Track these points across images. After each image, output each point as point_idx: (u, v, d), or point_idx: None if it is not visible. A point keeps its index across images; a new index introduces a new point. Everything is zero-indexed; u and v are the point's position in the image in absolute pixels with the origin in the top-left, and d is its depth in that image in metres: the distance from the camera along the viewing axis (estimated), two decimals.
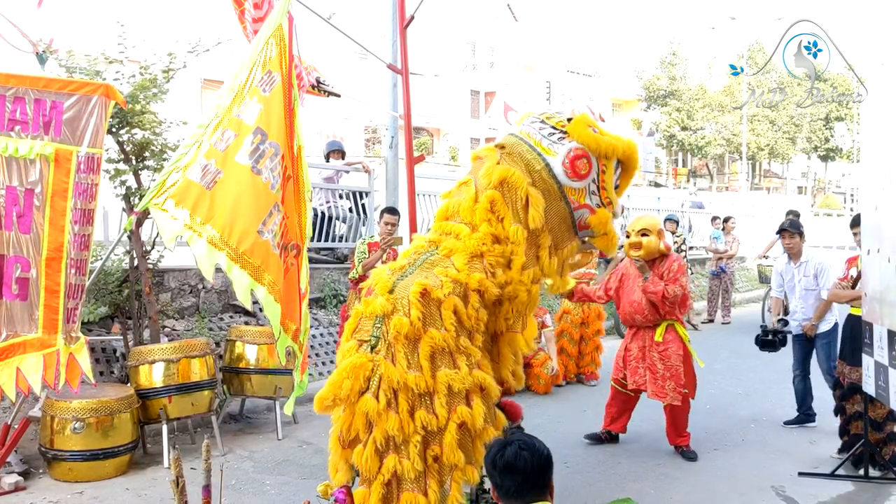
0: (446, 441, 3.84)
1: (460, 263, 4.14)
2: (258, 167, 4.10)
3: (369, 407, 3.66)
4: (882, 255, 5.13)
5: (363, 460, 3.66)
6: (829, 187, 59.26)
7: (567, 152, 4.43)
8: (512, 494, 2.82)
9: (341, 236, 10.71)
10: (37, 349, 4.98)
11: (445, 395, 3.87)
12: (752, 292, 17.96)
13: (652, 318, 6.29)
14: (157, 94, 6.75)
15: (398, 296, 3.94)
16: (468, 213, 4.33)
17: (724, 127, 46.61)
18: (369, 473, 3.67)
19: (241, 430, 7.06)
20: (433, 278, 4.04)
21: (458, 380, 3.90)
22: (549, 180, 4.44)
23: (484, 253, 4.22)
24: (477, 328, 4.13)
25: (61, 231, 4.98)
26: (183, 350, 6.26)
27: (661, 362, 6.26)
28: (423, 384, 3.79)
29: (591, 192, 4.52)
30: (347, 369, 3.69)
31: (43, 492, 5.46)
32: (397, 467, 3.68)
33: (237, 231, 3.99)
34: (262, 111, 4.20)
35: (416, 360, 3.84)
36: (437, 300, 3.95)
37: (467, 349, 4.02)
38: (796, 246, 6.96)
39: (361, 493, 3.71)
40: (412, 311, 3.85)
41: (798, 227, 7.11)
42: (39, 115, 4.92)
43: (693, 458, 6.26)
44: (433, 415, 3.81)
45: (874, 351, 5.34)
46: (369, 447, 3.66)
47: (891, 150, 5.05)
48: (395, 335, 3.82)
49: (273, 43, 4.35)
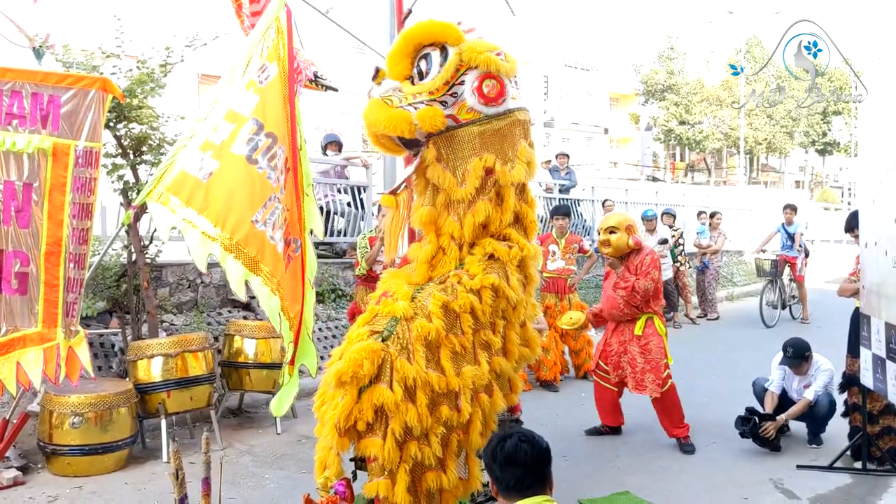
0: (473, 429, 3.96)
1: (475, 269, 4.13)
2: (254, 157, 4.10)
3: (385, 398, 3.62)
4: (879, 248, 5.14)
5: (385, 452, 3.64)
6: (826, 181, 59.35)
7: (473, 80, 4.13)
8: (512, 487, 2.82)
9: (340, 231, 10.72)
10: (37, 343, 4.99)
11: (471, 390, 3.95)
12: (749, 286, 17.99)
13: (628, 313, 6.38)
14: (155, 88, 6.73)
15: (419, 304, 3.94)
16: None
17: (722, 121, 46.62)
18: (391, 464, 3.66)
19: (240, 424, 7.07)
20: (450, 290, 4.04)
21: (480, 376, 3.99)
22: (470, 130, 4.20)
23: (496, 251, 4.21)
24: (496, 314, 4.16)
25: (60, 225, 4.99)
26: (181, 345, 6.26)
27: (641, 356, 6.33)
28: (445, 384, 3.81)
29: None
30: (366, 351, 3.64)
31: (42, 486, 5.47)
32: (417, 454, 3.71)
33: (231, 221, 3.98)
34: (259, 102, 4.19)
35: (436, 360, 3.85)
36: (454, 311, 3.97)
37: (489, 341, 4.09)
38: (802, 370, 6.57)
39: (384, 483, 3.69)
40: (435, 321, 3.85)
41: (803, 354, 6.50)
42: (37, 109, 4.92)
43: (691, 450, 6.27)
44: (455, 411, 3.86)
45: (872, 344, 5.35)
46: (390, 439, 3.64)
47: (888, 144, 5.05)
48: (417, 336, 3.79)
49: (270, 35, 4.35)
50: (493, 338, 4.13)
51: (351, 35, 7.70)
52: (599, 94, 51.87)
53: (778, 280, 13.38)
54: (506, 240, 4.28)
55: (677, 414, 6.41)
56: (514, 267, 4.22)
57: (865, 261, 5.57)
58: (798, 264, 13.53)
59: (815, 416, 6.47)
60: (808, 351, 6.48)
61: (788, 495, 5.41)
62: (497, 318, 4.17)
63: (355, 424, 3.66)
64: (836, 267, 21.11)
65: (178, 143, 4.37)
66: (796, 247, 13.50)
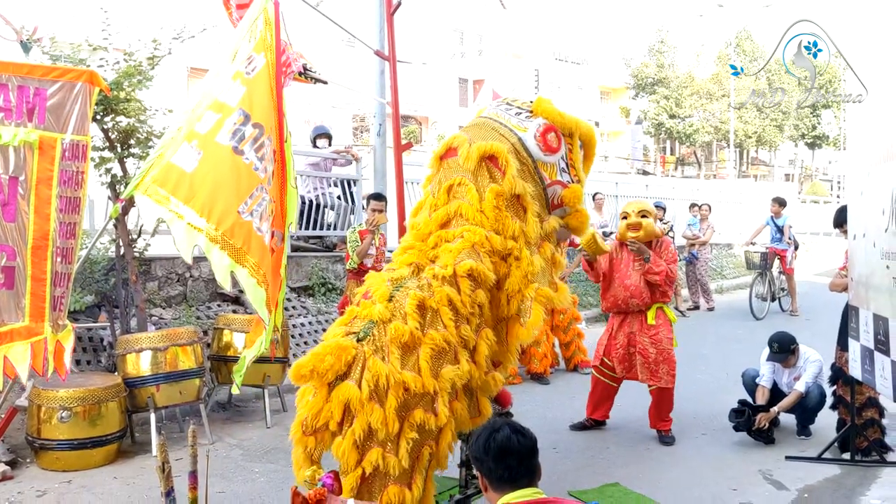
0: (445, 438, 3.84)
1: (447, 260, 4.10)
2: (240, 148, 4.09)
3: (351, 395, 3.53)
4: (867, 239, 5.15)
5: (341, 452, 3.55)
6: (816, 174, 59.56)
7: (537, 127, 4.50)
8: (506, 480, 2.80)
9: (330, 224, 10.69)
10: (24, 338, 4.95)
11: (448, 392, 3.85)
12: (739, 279, 18.05)
13: (649, 301, 6.29)
14: (142, 81, 6.69)
15: (396, 305, 3.88)
16: (476, 215, 4.28)
17: (712, 115, 46.69)
18: (347, 466, 3.57)
19: (229, 418, 7.05)
20: (425, 286, 3.99)
21: (461, 376, 3.90)
22: (524, 154, 4.45)
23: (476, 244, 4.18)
24: (474, 312, 4.08)
25: (47, 219, 4.94)
26: (170, 338, 6.24)
27: (652, 346, 6.27)
28: (421, 385, 3.70)
29: (562, 169, 4.58)
30: (332, 346, 3.59)
31: (31, 481, 5.44)
32: (380, 462, 3.57)
33: (217, 212, 3.97)
34: (246, 93, 4.18)
35: (413, 361, 3.75)
36: (432, 308, 3.91)
37: (467, 338, 4.00)
38: (790, 363, 6.57)
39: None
40: (409, 321, 3.79)
41: (789, 347, 6.51)
42: (23, 102, 4.87)
43: (670, 442, 6.29)
44: (432, 413, 3.75)
45: (860, 335, 5.38)
46: (348, 439, 3.54)
47: (877, 137, 5.07)
48: (392, 338, 3.72)
49: (258, 26, 4.33)
50: (469, 334, 4.03)
51: (340, 27, 7.67)
52: (590, 87, 51.92)
53: (767, 272, 13.43)
54: None
55: (669, 407, 6.42)
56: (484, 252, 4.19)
57: (854, 253, 5.59)
58: (788, 257, 13.58)
59: (806, 408, 6.50)
60: (793, 343, 6.51)
61: (777, 486, 5.43)
62: (474, 315, 4.09)
63: (328, 424, 3.58)
64: (824, 259, 21.22)
65: (167, 135, 4.35)
66: (785, 239, 13.55)
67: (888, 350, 4.80)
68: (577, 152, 4.71)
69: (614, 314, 6.53)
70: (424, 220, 4.47)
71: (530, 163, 4.46)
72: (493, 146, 4.36)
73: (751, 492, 5.32)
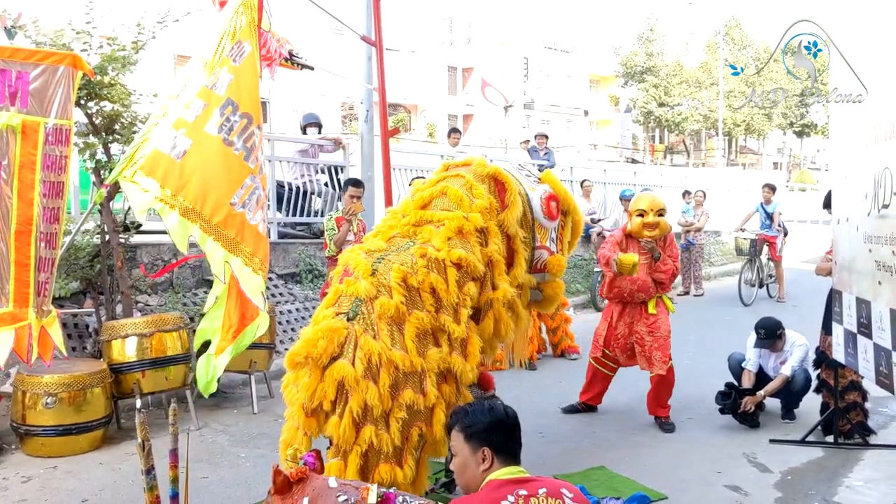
0: (436, 418, 3.85)
1: (439, 242, 4.12)
2: (230, 138, 4.09)
3: (346, 373, 3.56)
4: (851, 223, 5.17)
5: (340, 430, 3.57)
6: (804, 163, 59.77)
7: (544, 191, 4.77)
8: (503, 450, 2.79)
9: (317, 211, 10.67)
10: (8, 323, 4.91)
11: (436, 373, 3.89)
12: (727, 266, 18.12)
13: (653, 294, 6.39)
14: (126, 65, 6.65)
15: (380, 280, 3.90)
16: (460, 194, 4.36)
17: (701, 103, 46.76)
18: (346, 444, 3.59)
19: (216, 404, 7.04)
20: (409, 260, 4.01)
21: (442, 359, 3.93)
22: (528, 208, 4.64)
23: (465, 230, 4.21)
24: (462, 303, 4.09)
25: (30, 204, 4.90)
26: (156, 324, 6.23)
27: (649, 335, 6.33)
28: (409, 364, 3.74)
29: (552, 239, 4.82)
30: (323, 330, 3.61)
31: (16, 467, 5.44)
32: (373, 439, 3.61)
33: (210, 203, 3.97)
34: (233, 81, 4.17)
35: (401, 340, 3.80)
36: (415, 286, 3.94)
37: (446, 325, 3.99)
38: (777, 348, 6.64)
39: (336, 465, 3.64)
40: (395, 296, 3.83)
41: (775, 332, 6.58)
42: (5, 86, 4.82)
43: (671, 429, 6.31)
44: (420, 394, 3.78)
45: (843, 319, 5.41)
46: (346, 417, 3.57)
47: (860, 121, 5.08)
48: (380, 314, 3.76)
49: (242, 12, 4.31)
50: (453, 326, 4.02)
51: (327, 13, 7.63)
52: (579, 76, 51.87)
53: (756, 259, 13.49)
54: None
55: (667, 394, 6.45)
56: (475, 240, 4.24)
57: (837, 236, 5.61)
58: (778, 244, 13.65)
59: (791, 392, 6.54)
60: (780, 329, 6.55)
61: (761, 468, 5.47)
62: (463, 305, 4.09)
63: (322, 405, 3.62)
64: (812, 247, 21.31)
65: (151, 120, 4.33)
66: (775, 226, 13.61)
67: (870, 333, 4.83)
68: (567, 231, 5.00)
69: (614, 303, 6.55)
70: (405, 201, 4.51)
71: (530, 219, 4.66)
72: (509, 178, 4.56)
73: (735, 474, 5.36)
